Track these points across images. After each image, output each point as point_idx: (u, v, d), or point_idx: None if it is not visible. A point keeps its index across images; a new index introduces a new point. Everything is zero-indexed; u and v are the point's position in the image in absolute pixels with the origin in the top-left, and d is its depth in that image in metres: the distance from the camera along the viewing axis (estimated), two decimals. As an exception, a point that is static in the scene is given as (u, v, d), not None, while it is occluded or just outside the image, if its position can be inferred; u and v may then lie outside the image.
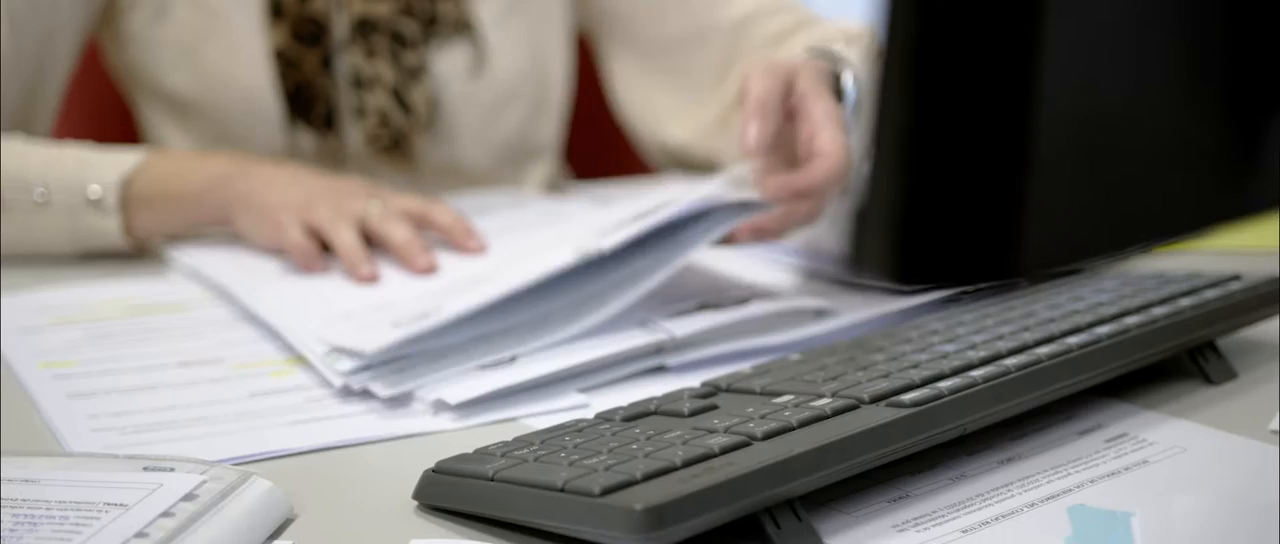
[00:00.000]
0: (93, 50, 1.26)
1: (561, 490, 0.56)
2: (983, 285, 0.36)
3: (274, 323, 0.85)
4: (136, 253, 1.05)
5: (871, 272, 0.37)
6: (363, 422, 0.73)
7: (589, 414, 0.67)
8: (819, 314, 0.85)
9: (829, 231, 0.93)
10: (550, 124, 1.29)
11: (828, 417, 0.62)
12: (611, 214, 0.93)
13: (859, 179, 0.37)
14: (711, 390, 0.68)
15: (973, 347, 0.69)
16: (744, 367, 0.71)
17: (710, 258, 0.95)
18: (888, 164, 0.36)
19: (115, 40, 1.21)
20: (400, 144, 1.20)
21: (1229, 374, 0.76)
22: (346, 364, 0.75)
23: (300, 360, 0.80)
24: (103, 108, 1.32)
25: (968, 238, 0.36)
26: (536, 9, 1.25)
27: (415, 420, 0.73)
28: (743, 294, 0.86)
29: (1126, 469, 0.65)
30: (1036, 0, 0.35)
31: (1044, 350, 0.69)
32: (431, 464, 0.61)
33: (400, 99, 1.18)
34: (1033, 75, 0.36)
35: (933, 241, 0.36)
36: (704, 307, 0.84)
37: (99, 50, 1.26)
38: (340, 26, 1.17)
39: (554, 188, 1.29)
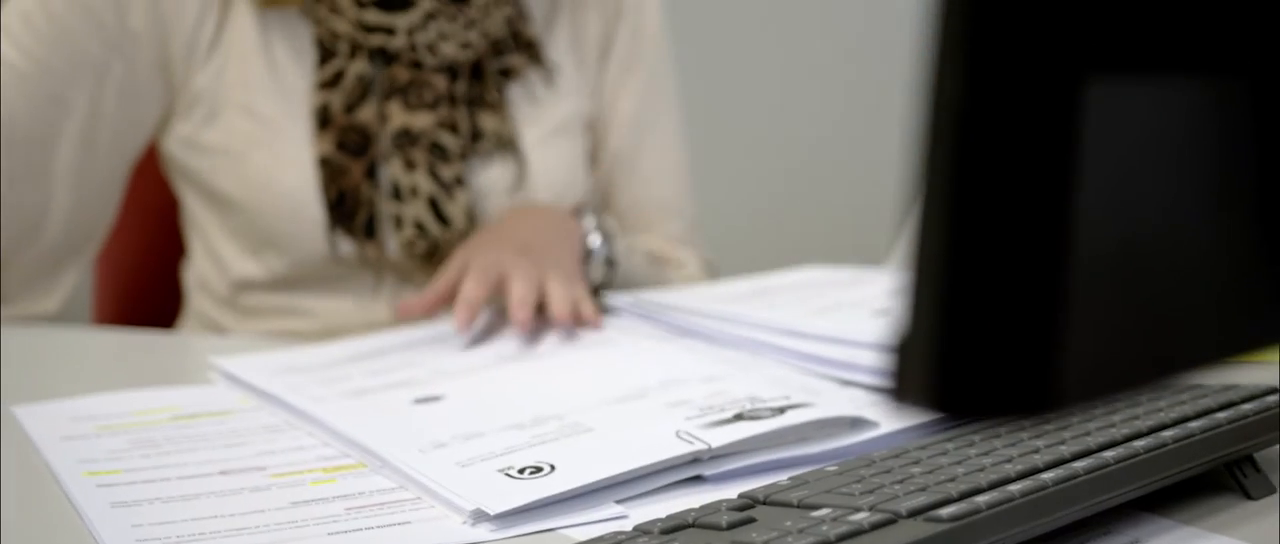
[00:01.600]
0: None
1: (602, 606, 0.56)
2: (1025, 416, 0.36)
3: (376, 449, 0.84)
4: None
5: (913, 400, 0.38)
6: (403, 533, 0.73)
7: (627, 526, 0.67)
8: (856, 423, 0.86)
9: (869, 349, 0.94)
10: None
11: (866, 531, 0.62)
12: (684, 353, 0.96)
13: (899, 309, 0.37)
14: (749, 503, 0.68)
15: (1009, 460, 0.70)
16: (781, 478, 0.72)
17: (745, 366, 0.96)
18: (927, 294, 0.37)
19: (164, 137, 1.24)
20: (436, 254, 1.21)
21: (1268, 489, 0.76)
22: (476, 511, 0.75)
23: (341, 469, 0.81)
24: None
25: (1009, 368, 0.37)
26: (572, 133, 1.29)
27: (455, 531, 0.73)
28: (779, 403, 0.87)
29: (1165, 585, 0.65)
30: (1073, 129, 0.36)
31: (1081, 464, 0.69)
32: (472, 577, 0.62)
33: (437, 210, 1.20)
34: (1070, 204, 0.37)
35: (973, 371, 0.37)
36: (740, 416, 0.85)
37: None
38: (384, 137, 1.20)
39: None
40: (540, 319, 1.08)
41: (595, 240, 1.20)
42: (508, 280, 1.06)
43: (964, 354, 0.37)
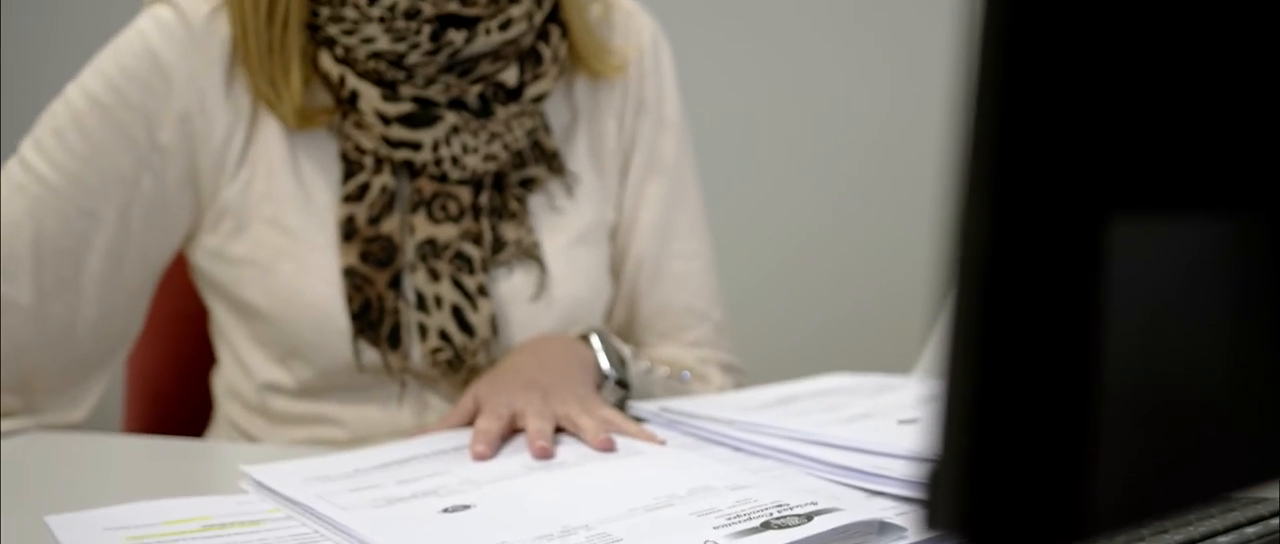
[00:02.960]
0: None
1: None
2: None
3: None
4: None
5: (945, 527, 0.39)
6: (433, 646, 0.73)
7: (658, 641, 0.67)
8: (883, 528, 0.86)
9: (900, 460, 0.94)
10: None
11: (896, 648, 0.62)
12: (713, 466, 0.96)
13: (930, 435, 0.38)
14: (779, 618, 0.69)
15: (1039, 575, 0.70)
16: (810, 593, 0.72)
17: (773, 475, 0.96)
18: (957, 424, 0.38)
19: (192, 249, 1.26)
20: (459, 362, 1.22)
21: (1298, 603, 0.76)
22: None
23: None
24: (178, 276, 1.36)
25: (1039, 498, 0.37)
26: (593, 242, 1.30)
27: (485, 645, 0.73)
28: (807, 509, 0.87)
29: None
30: (1097, 265, 0.37)
31: (1110, 579, 0.69)
32: None
33: (461, 320, 1.21)
34: (1096, 336, 0.37)
35: (1004, 502, 0.37)
36: (768, 524, 0.85)
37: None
38: (409, 248, 1.21)
39: None
40: (562, 431, 1.09)
41: (604, 363, 1.21)
42: (521, 417, 1.07)
43: (994, 485, 0.37)
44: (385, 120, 1.21)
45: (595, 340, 1.22)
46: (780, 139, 2.43)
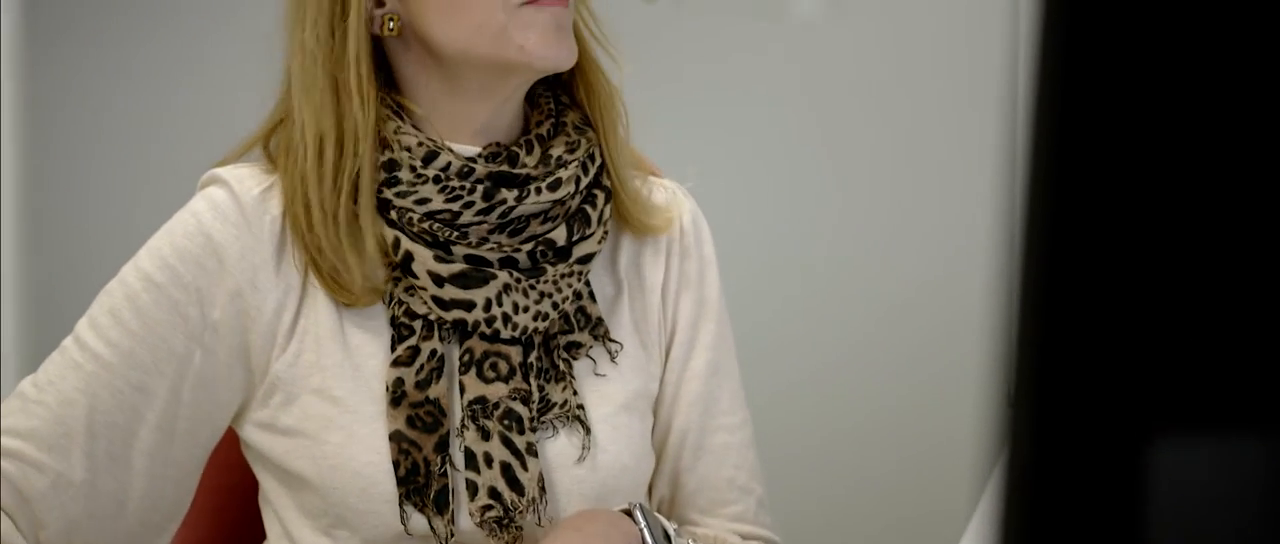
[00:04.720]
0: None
1: None
2: None
3: None
4: None
5: None
6: None
7: None
8: None
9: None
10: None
11: None
12: None
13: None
14: None
15: None
16: None
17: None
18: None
19: (242, 423, 1.28)
20: (508, 521, 1.23)
21: None
22: None
23: None
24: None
25: None
26: (638, 412, 1.32)
27: None
28: None
29: None
30: (1139, 486, 0.38)
31: None
32: None
33: (510, 478, 1.22)
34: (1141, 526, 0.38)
35: None
36: None
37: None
38: (459, 408, 1.23)
39: None
40: None
41: (648, 539, 1.21)
42: None
43: None
44: (438, 281, 1.24)
45: (639, 516, 1.23)
46: (825, 320, 2.44)
